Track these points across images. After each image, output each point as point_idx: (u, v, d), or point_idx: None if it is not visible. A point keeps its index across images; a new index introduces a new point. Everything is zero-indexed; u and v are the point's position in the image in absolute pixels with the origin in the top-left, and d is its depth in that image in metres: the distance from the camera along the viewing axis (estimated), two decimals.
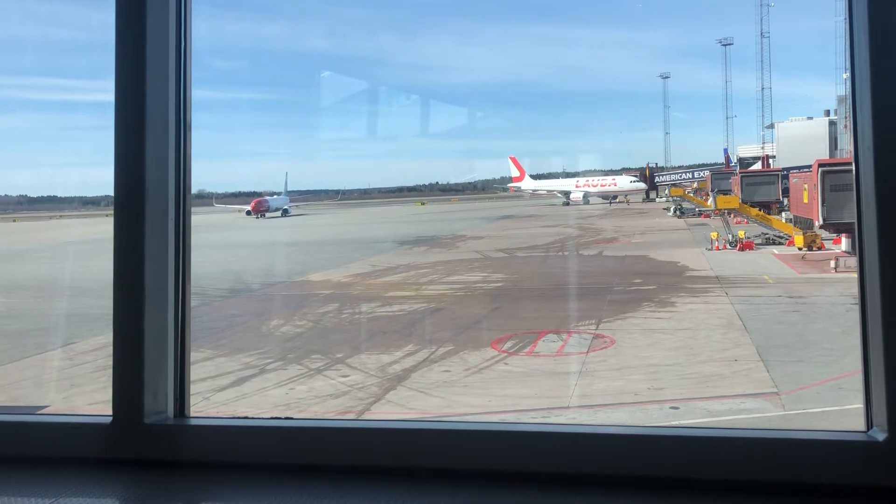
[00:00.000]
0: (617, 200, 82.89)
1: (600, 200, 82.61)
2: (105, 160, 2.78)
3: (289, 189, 75.71)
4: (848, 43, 2.38)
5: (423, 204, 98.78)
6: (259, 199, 72.32)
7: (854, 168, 2.35)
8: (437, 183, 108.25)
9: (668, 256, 37.63)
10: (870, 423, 2.28)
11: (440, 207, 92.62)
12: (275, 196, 74.18)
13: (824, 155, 39.13)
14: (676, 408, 16.25)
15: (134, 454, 2.66)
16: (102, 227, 2.83)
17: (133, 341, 2.68)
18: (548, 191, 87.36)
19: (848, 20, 2.36)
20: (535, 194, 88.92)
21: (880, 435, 2.21)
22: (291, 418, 2.71)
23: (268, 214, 70.78)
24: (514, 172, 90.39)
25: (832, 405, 15.23)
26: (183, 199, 2.83)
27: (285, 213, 72.45)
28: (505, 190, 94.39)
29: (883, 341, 2.21)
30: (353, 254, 44.20)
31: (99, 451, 2.70)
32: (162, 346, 2.74)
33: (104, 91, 2.87)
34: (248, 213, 70.23)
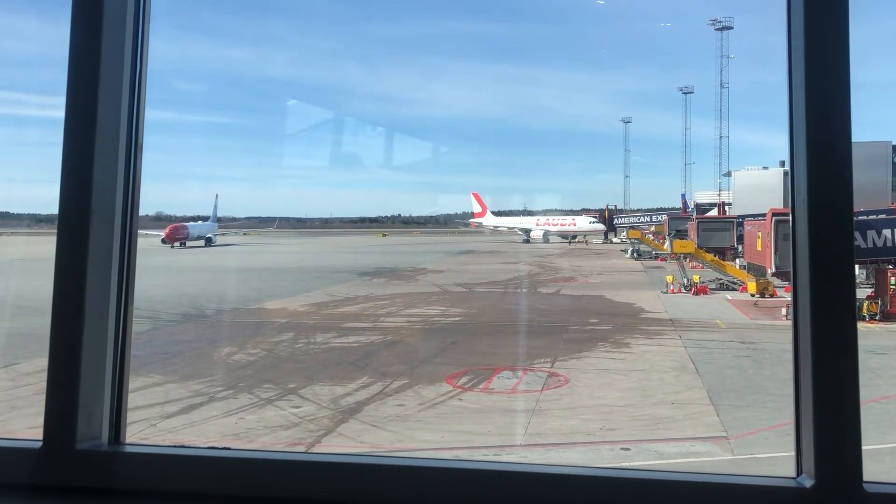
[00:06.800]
0: (576, 240, 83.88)
1: (559, 239, 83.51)
2: (54, 178, 2.73)
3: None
4: (788, 101, 2.45)
5: (384, 235, 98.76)
6: (175, 225, 60.23)
7: (791, 219, 2.42)
8: (400, 215, 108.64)
9: (625, 298, 38.07)
10: (799, 470, 2.33)
11: (401, 240, 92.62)
12: (199, 222, 63.48)
13: (778, 204, 40.11)
14: (627, 449, 16.30)
15: (64, 481, 2.57)
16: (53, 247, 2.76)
17: (69, 364, 2.60)
18: (508, 228, 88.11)
19: (788, 80, 2.44)
20: (496, 231, 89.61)
21: (808, 482, 2.27)
22: (230, 448, 2.64)
23: (189, 243, 59.86)
24: (477, 208, 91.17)
25: (779, 451, 15.40)
26: (130, 220, 2.78)
27: (209, 242, 61.36)
28: (466, 225, 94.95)
29: (812, 392, 2.27)
30: (312, 283, 43.86)
31: (27, 477, 2.59)
32: (100, 371, 2.66)
33: (56, 108, 2.82)
34: (164, 241, 58.28)
